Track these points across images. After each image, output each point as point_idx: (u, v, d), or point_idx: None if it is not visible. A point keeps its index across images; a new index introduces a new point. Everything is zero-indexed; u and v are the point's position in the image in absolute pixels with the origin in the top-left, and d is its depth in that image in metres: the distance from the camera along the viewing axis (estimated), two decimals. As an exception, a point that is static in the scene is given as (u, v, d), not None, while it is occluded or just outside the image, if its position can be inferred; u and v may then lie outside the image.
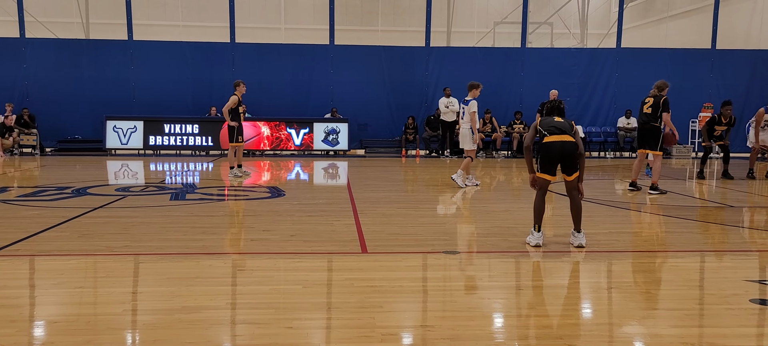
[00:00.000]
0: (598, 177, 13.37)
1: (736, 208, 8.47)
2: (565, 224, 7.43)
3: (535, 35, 23.89)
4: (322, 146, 17.65)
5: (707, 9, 20.04)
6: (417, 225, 7.04)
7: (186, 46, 18.79)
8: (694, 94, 18.42)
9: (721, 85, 18.68)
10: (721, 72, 18.74)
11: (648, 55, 19.28)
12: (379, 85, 18.60)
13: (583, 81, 18.81)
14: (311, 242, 5.92)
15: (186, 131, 17.33)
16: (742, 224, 7.44)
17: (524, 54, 18.99)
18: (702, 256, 5.73)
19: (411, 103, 18.48)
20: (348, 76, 18.53)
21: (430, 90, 18.50)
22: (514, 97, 18.59)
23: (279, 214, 7.61)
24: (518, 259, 5.52)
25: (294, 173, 13.61)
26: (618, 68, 18.80)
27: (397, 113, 18.49)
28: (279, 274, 4.85)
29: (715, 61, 18.79)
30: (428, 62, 18.63)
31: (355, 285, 4.49)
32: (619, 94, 18.72)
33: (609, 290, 4.66)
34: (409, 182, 12.46)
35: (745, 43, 19.62)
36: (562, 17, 26.13)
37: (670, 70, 18.71)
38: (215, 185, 10.98)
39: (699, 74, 18.69)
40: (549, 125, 5.82)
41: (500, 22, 24.63)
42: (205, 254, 5.41)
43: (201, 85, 18.31)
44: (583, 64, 19.02)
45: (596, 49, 20.51)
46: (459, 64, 18.68)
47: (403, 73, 18.64)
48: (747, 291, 4.41)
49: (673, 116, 18.00)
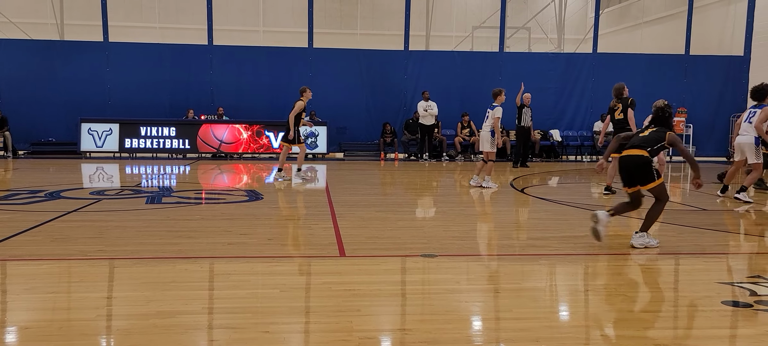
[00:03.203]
0: (575, 180, 13.51)
1: (709, 211, 8.62)
2: (542, 227, 7.50)
3: (513, 40, 24.09)
4: (300, 149, 17.57)
5: (681, 15, 20.37)
6: (395, 228, 7.05)
7: (163, 48, 18.61)
8: (668, 99, 18.54)
9: (695, 90, 19.00)
10: (694, 77, 19.06)
11: (623, 61, 19.54)
12: (357, 88, 18.59)
13: (561, 85, 19.00)
14: (289, 246, 5.89)
15: (162, 134, 17.14)
16: (713, 227, 7.56)
17: (502, 58, 19.12)
18: (676, 259, 5.81)
19: (390, 106, 18.51)
20: (327, 79, 18.50)
21: (408, 93, 18.55)
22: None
23: (256, 217, 7.56)
24: (497, 262, 5.55)
25: (271, 176, 13.54)
26: (594, 73, 19.02)
27: (375, 116, 18.49)
28: (256, 278, 4.82)
29: (689, 66, 19.11)
30: (407, 66, 18.68)
31: (333, 289, 4.48)
32: (595, 99, 18.93)
33: (585, 292, 4.70)
34: (387, 186, 12.47)
35: (718, 50, 19.98)
36: (539, 22, 26.40)
37: (645, 75, 19.01)
38: (192, 189, 10.87)
39: (673, 79, 18.98)
40: (628, 139, 6.20)
41: (478, 26, 24.80)
42: (181, 258, 5.35)
43: (178, 87, 18.14)
44: (560, 68, 19.21)
45: (573, 53, 20.74)
46: (438, 68, 18.75)
47: (382, 76, 18.66)
48: (719, 293, 4.48)
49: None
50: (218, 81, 18.24)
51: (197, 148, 17.16)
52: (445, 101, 17.40)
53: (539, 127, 18.67)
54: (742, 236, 7.20)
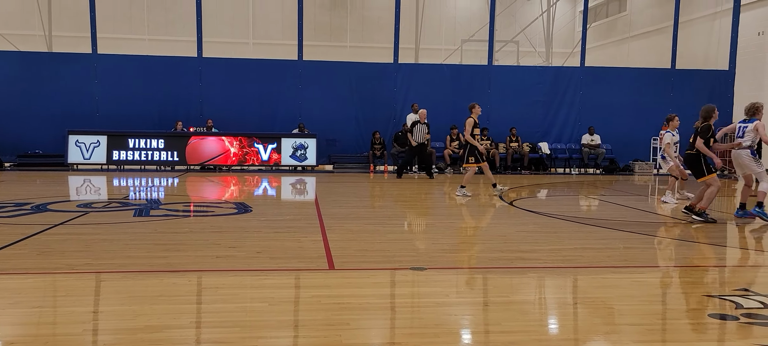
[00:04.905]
0: (564, 193, 13.57)
1: (695, 224, 8.67)
2: (531, 239, 7.52)
3: (501, 53, 24.25)
4: (289, 162, 17.56)
5: (667, 30, 20.61)
6: (385, 241, 7.04)
7: (152, 60, 18.55)
8: (655, 113, 18.82)
9: (681, 103, 19.16)
10: (680, 91, 19.25)
11: (611, 74, 19.72)
12: (347, 100, 18.62)
13: (549, 98, 19.13)
14: (278, 259, 5.87)
15: (151, 146, 17.06)
16: (702, 240, 7.62)
17: (491, 71, 19.23)
18: (664, 271, 5.85)
19: (379, 119, 18.53)
20: (316, 91, 18.52)
21: (398, 106, 18.59)
22: (481, 113, 18.77)
23: (245, 230, 7.53)
24: (486, 275, 5.56)
25: (261, 188, 13.51)
26: (582, 86, 19.17)
27: (365, 129, 18.51)
28: (245, 291, 4.79)
29: (675, 80, 19.31)
30: (396, 78, 18.73)
31: (322, 302, 4.46)
32: (583, 112, 19.08)
33: (575, 305, 4.72)
34: (377, 198, 12.47)
35: (704, 64, 20.21)
36: (527, 36, 26.58)
37: (632, 89, 19.20)
38: (180, 201, 10.82)
39: (660, 93, 19.16)
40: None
41: (467, 39, 24.94)
42: (169, 271, 5.32)
43: (167, 99, 18.08)
44: (548, 82, 19.34)
45: (561, 67, 20.90)
46: (427, 81, 18.83)
47: (372, 89, 18.70)
48: (706, 306, 4.51)
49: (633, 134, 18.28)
50: (207, 93, 18.21)
51: (186, 161, 17.09)
52: (434, 114, 17.44)
53: (528, 140, 18.77)
54: (729, 248, 7.25)
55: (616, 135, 18.91)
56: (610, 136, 18.90)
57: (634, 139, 18.98)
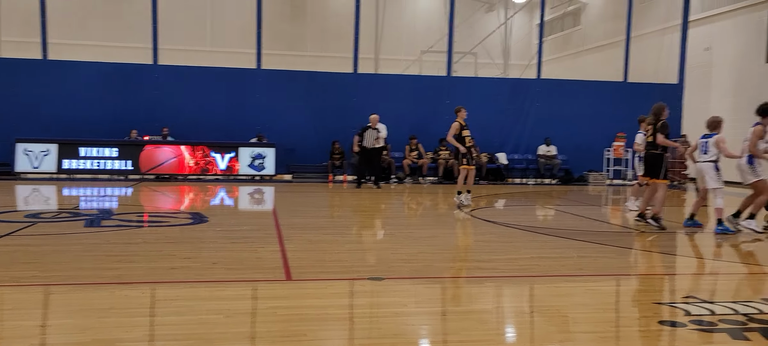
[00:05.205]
0: (521, 203, 13.77)
1: (647, 233, 8.90)
2: (488, 249, 7.60)
3: (460, 64, 24.54)
4: (247, 171, 17.35)
5: (619, 44, 21.17)
6: (343, 251, 7.02)
7: (105, 67, 18.11)
8: (609, 124, 19.32)
9: (634, 116, 19.58)
10: (632, 103, 19.66)
11: (566, 86, 20.13)
12: (306, 110, 18.52)
13: (506, 109, 19.38)
14: (234, 270, 5.78)
15: (103, 155, 16.63)
16: (652, 249, 7.82)
17: (450, 82, 19.41)
18: (616, 279, 5.98)
19: (339, 128, 18.48)
20: (275, 100, 18.37)
21: (357, 116, 18.54)
22: (440, 124, 18.84)
23: (201, 241, 7.40)
24: (444, 284, 5.59)
25: (218, 198, 13.31)
26: (538, 98, 19.51)
27: (324, 138, 18.42)
28: (200, 303, 4.69)
29: (627, 93, 19.80)
30: (356, 88, 18.73)
31: (279, 313, 4.41)
32: (539, 123, 19.39)
33: (531, 314, 4.78)
34: (335, 208, 12.43)
35: (654, 77, 20.82)
36: (486, 48, 27.02)
37: (587, 101, 19.63)
38: (134, 211, 10.57)
39: (613, 105, 19.61)
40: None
41: (427, 50, 25.17)
42: (121, 283, 5.18)
43: (121, 107, 17.66)
44: (506, 93, 19.63)
45: (518, 79, 21.26)
46: (386, 91, 18.88)
47: (331, 98, 18.65)
48: (656, 313, 4.62)
49: (588, 145, 18.70)
50: (163, 101, 17.86)
51: (140, 170, 16.72)
52: (393, 124, 17.51)
53: (486, 150, 18.99)
54: (678, 257, 7.46)
55: (571, 146, 19.29)
56: (566, 147, 19.27)
57: (588, 150, 19.39)
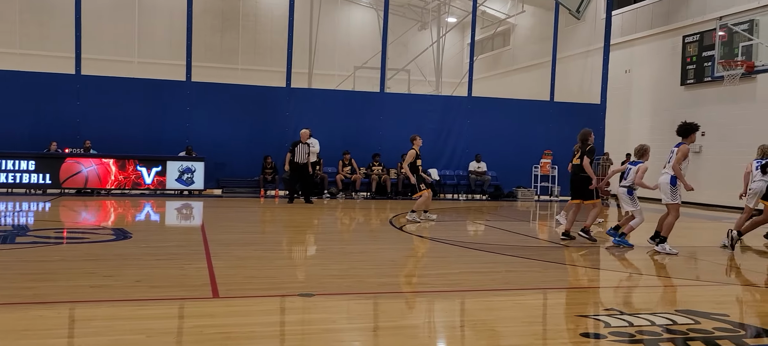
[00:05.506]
0: (452, 218, 13.96)
1: (570, 247, 9.19)
2: (420, 264, 7.65)
3: (393, 80, 24.77)
4: (175, 185, 16.85)
5: (546, 65, 21.92)
6: (273, 268, 6.91)
7: (23, 76, 17.24)
8: (536, 142, 19.93)
9: (559, 134, 20.35)
10: (558, 122, 20.45)
11: (496, 104, 20.64)
12: (238, 123, 18.20)
13: (439, 126, 19.67)
14: (158, 288, 5.58)
15: (19, 168, 15.78)
16: (578, 263, 8.08)
17: (383, 98, 19.55)
18: (543, 293, 6.13)
19: (271, 143, 18.26)
20: (205, 113, 17.97)
21: (290, 130, 18.39)
22: (373, 139, 19.02)
23: (124, 258, 7.11)
24: (375, 300, 5.57)
25: (143, 213, 12.86)
26: (469, 115, 19.91)
27: (256, 153, 18.15)
28: (121, 323, 4.49)
29: (554, 112, 20.51)
30: (289, 103, 18.58)
31: (205, 332, 4.28)
32: (470, 140, 19.77)
33: (461, 328, 4.83)
34: (266, 223, 12.24)
35: (579, 97, 21.66)
36: (418, 65, 27.42)
37: (515, 119, 20.18)
38: (52, 227, 10.06)
39: (540, 123, 20.25)
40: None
41: (360, 66, 25.30)
42: (36, 303, 4.90)
43: (40, 118, 16.83)
44: (438, 110, 19.92)
45: (450, 96, 21.64)
46: (320, 106, 18.81)
47: (263, 112, 18.41)
48: (578, 326, 4.76)
49: (517, 162, 19.15)
50: (86, 113, 17.14)
51: (59, 184, 15.96)
52: (327, 139, 17.45)
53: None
54: (602, 271, 7.73)
55: (501, 163, 19.74)
56: (496, 164, 19.71)
57: (517, 167, 19.90)
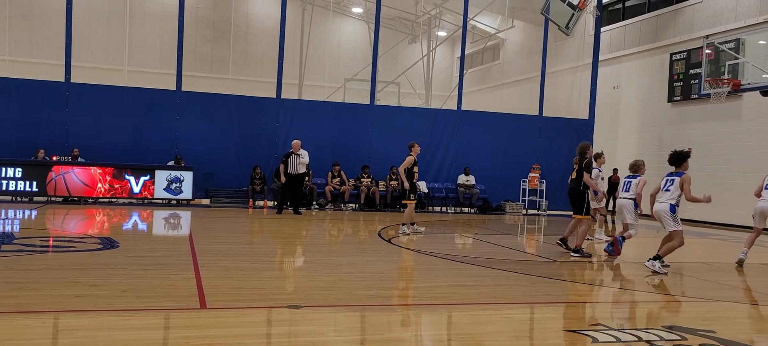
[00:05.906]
0: (440, 231, 13.98)
1: (559, 262, 9.23)
2: (408, 277, 7.65)
3: (383, 93, 24.84)
4: (163, 195, 16.77)
5: (535, 80, 22.07)
6: (261, 279, 6.89)
7: (11, 83, 17.15)
8: (524, 156, 20.05)
9: (548, 149, 20.52)
10: (547, 136, 20.60)
11: (485, 118, 20.74)
12: (227, 133, 18.18)
13: (428, 139, 19.70)
14: (145, 298, 5.55)
15: (6, 175, 15.64)
16: (565, 278, 8.11)
17: (373, 110, 19.60)
18: (530, 307, 6.15)
19: (260, 153, 18.24)
20: (195, 123, 17.93)
21: (279, 141, 18.39)
22: (362, 151, 19.04)
23: (110, 267, 7.06)
24: (363, 312, 5.57)
25: (131, 222, 12.78)
26: (458, 128, 20.00)
27: (245, 163, 18.12)
28: (106, 333, 4.46)
29: (542, 126, 20.65)
30: (279, 113, 18.58)
31: (192, 343, 4.26)
32: (459, 153, 19.85)
33: (449, 341, 4.83)
34: (254, 234, 12.20)
35: (567, 112, 21.81)
36: (408, 78, 27.52)
37: (504, 133, 20.30)
38: (38, 235, 9.98)
39: (529, 137, 20.38)
40: None
41: (350, 78, 25.37)
42: (21, 312, 4.86)
43: (28, 125, 16.72)
44: (427, 123, 19.99)
45: (440, 109, 21.71)
46: (309, 117, 18.83)
47: (253, 123, 18.41)
48: (566, 341, 4.79)
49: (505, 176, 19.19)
50: (74, 120, 17.05)
51: (46, 192, 15.83)
52: (316, 150, 17.45)
53: (407, 178, 19.20)
54: (589, 286, 7.77)
55: (489, 176, 19.82)
56: (484, 177, 19.79)
57: (505, 181, 19.99)
